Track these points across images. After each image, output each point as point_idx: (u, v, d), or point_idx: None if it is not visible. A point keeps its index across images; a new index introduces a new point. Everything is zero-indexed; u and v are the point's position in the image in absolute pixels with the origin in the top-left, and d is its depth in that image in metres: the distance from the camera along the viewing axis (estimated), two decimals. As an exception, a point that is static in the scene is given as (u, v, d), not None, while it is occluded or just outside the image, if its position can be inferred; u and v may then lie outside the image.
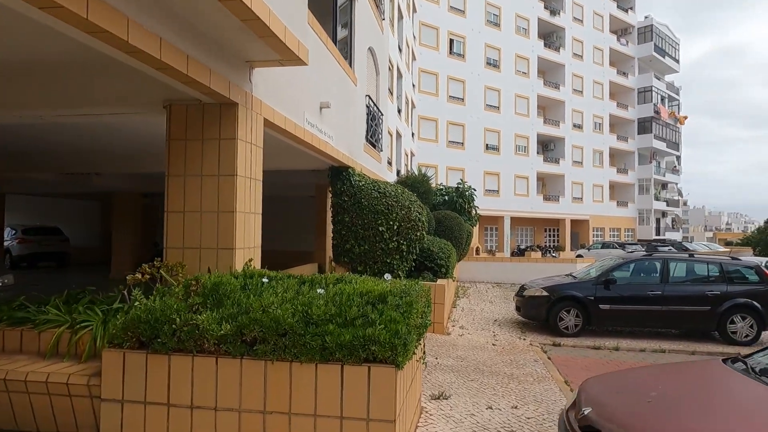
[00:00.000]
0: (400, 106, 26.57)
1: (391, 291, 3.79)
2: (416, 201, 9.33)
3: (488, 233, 39.94)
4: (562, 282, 9.98)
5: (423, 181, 17.34)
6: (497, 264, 20.16)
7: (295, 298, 3.61)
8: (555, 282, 10.11)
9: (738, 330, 9.00)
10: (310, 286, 4.07)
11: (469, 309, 12.49)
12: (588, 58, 45.75)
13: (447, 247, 10.48)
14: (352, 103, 9.07)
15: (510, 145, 39.30)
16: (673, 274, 9.42)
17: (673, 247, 31.74)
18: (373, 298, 3.63)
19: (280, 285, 4.01)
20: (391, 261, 8.87)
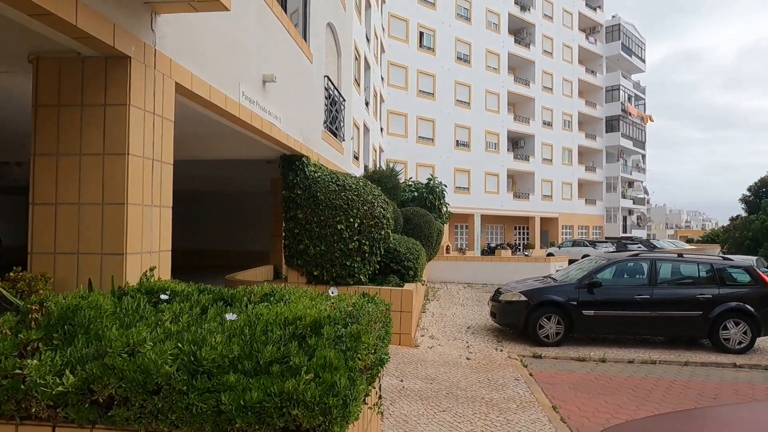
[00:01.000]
0: (368, 99, 25.45)
1: (332, 316, 2.67)
2: (381, 195, 8.23)
3: (459, 231, 39.23)
4: (542, 285, 9.05)
5: (391, 175, 16.28)
6: (468, 264, 19.28)
7: (185, 329, 2.44)
8: (533, 285, 9.18)
9: (731, 337, 8.25)
10: (221, 308, 2.91)
11: (440, 314, 11.48)
12: (558, 56, 45.60)
13: (416, 247, 9.43)
14: (307, 83, 7.90)
15: (480, 142, 38.68)
16: (662, 276, 8.62)
17: (642, 245, 31.66)
18: (302, 328, 2.50)
19: (178, 305, 2.84)
20: (352, 264, 7.75)
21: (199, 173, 12.28)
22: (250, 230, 17.44)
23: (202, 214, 18.24)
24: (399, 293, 7.73)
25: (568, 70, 46.64)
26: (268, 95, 6.14)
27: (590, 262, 9.42)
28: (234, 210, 18.31)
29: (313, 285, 7.91)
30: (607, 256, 9.37)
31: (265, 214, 11.47)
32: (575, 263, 10.19)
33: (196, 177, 12.59)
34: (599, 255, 9.65)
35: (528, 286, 9.09)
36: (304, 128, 7.78)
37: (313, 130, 8.30)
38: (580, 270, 9.27)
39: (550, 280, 9.47)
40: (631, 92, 52.35)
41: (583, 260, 9.98)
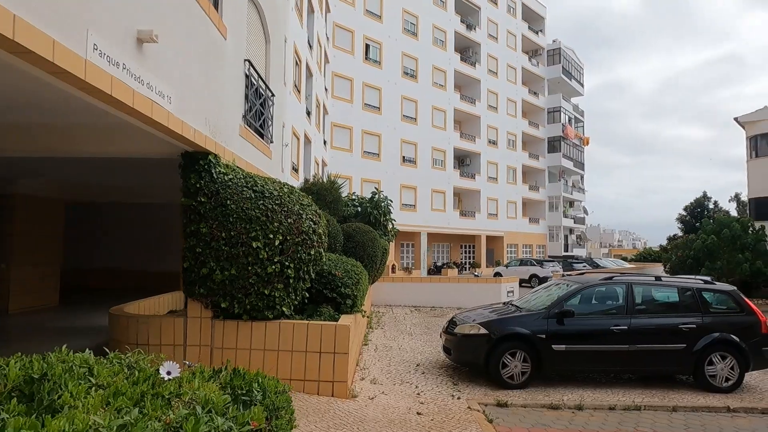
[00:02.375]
0: (310, 108, 23.87)
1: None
2: (311, 206, 6.60)
3: (405, 249, 37.99)
4: (504, 315, 7.67)
5: (332, 188, 14.66)
6: (415, 285, 17.85)
7: None
8: (494, 315, 7.77)
9: (717, 373, 7.16)
10: None
11: (384, 347, 9.87)
12: (502, 76, 46.01)
13: (356, 269, 7.84)
14: (218, 62, 6.22)
15: (427, 159, 37.88)
16: (639, 303, 7.46)
17: (586, 264, 31.58)
18: None
19: None
20: (272, 292, 6.03)
21: (96, 181, 10.17)
22: (173, 247, 15.14)
23: (117, 229, 15.82)
24: (332, 330, 6.08)
25: (512, 91, 47.13)
26: (149, 62, 4.42)
27: (558, 286, 8.16)
28: (154, 224, 15.99)
29: (221, 320, 6.12)
30: (578, 279, 8.14)
31: (175, 228, 9.51)
32: (540, 287, 8.92)
33: (92, 185, 10.46)
34: (572, 279, 8.38)
35: (488, 317, 7.68)
36: (213, 118, 6.06)
37: (226, 123, 6.58)
38: (547, 296, 7.98)
39: (512, 307, 8.11)
40: (571, 114, 53.74)
41: (549, 283, 8.73)
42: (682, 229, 33.90)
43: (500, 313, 7.77)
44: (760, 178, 25.02)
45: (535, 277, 27.38)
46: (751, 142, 25.53)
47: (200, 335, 6.11)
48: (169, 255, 14.69)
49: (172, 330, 6.12)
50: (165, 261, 14.94)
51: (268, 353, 6.07)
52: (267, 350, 6.08)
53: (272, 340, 6.09)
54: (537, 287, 9.01)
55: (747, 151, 25.83)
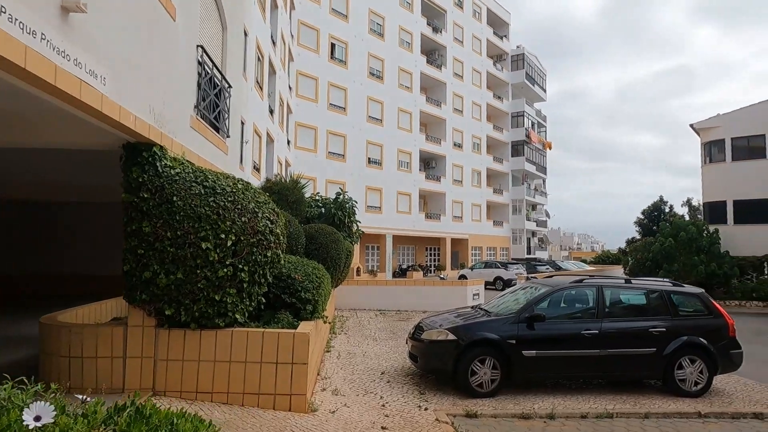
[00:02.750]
0: (273, 106, 23.18)
1: None
2: (268, 203, 6.09)
3: (370, 252, 37.57)
4: (472, 320, 7.34)
5: (294, 188, 14.10)
6: (381, 288, 17.46)
7: None
8: (462, 320, 7.44)
9: (687, 377, 7.04)
10: None
11: (348, 353, 9.41)
12: (468, 79, 46.30)
13: (317, 272, 7.35)
14: (165, 44, 5.64)
15: (393, 160, 37.62)
16: (609, 306, 7.27)
17: (549, 266, 31.97)
18: None
19: None
20: (223, 297, 5.49)
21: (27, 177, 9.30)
22: (100, 250, 14.03)
23: (60, 231, 14.71)
24: (290, 339, 5.59)
25: (477, 94, 47.51)
26: (76, 35, 3.85)
27: (528, 290, 7.91)
28: (102, 225, 14.98)
29: (165, 329, 5.54)
30: (548, 282, 7.90)
31: (121, 229, 8.76)
32: (509, 290, 8.65)
33: (29, 181, 9.58)
34: (542, 282, 8.13)
35: (456, 322, 7.33)
36: (159, 106, 5.48)
37: (174, 113, 6.00)
38: (517, 300, 7.71)
39: (481, 312, 7.80)
40: (534, 119, 54.65)
41: (518, 287, 8.48)
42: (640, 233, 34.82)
43: (469, 318, 7.44)
44: (714, 183, 25.85)
45: (499, 279, 27.45)
46: (705, 148, 26.37)
47: (142, 346, 5.51)
48: (101, 257, 13.68)
49: (110, 340, 5.49)
50: (113, 264, 13.98)
51: (219, 365, 5.53)
52: (218, 362, 5.53)
53: (224, 350, 5.55)
54: (506, 291, 8.75)
55: (702, 157, 26.67)
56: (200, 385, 5.49)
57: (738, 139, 25.07)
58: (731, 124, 25.20)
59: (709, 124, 25.97)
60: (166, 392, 5.47)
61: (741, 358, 7.27)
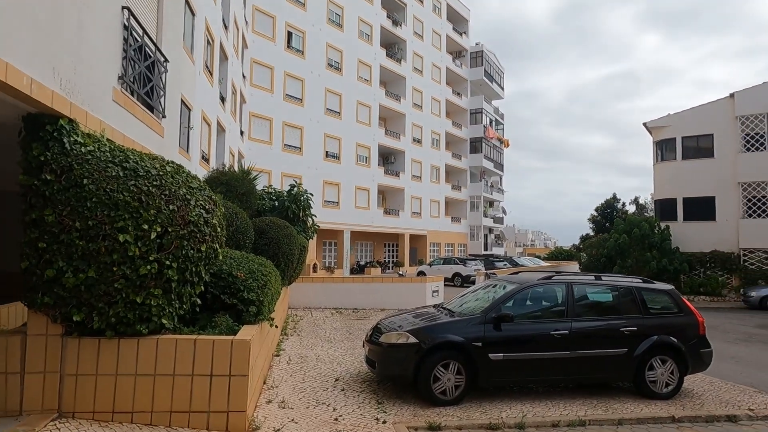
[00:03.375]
0: (225, 94, 21.96)
1: None
2: (203, 189, 5.27)
3: (327, 248, 36.70)
4: (434, 321, 6.74)
5: (244, 179, 13.15)
6: (337, 285, 16.72)
7: None
8: (423, 321, 6.83)
9: (658, 378, 6.70)
10: None
11: (299, 357, 8.65)
12: (427, 74, 46.01)
13: (264, 269, 6.57)
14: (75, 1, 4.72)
15: (351, 155, 36.82)
16: (579, 305, 6.84)
17: (507, 262, 32.09)
18: None
19: None
20: (146, 300, 4.65)
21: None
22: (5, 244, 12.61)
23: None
24: (227, 346, 4.81)
25: (436, 90, 47.31)
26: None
27: (493, 288, 7.39)
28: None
29: (75, 338, 4.64)
30: (514, 279, 7.39)
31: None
32: (473, 288, 8.11)
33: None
34: (507, 278, 7.61)
35: (417, 323, 6.71)
36: (67, 71, 4.56)
37: (91, 81, 5.07)
38: (480, 299, 7.18)
39: (444, 312, 7.22)
40: (492, 116, 55.06)
41: (483, 284, 7.95)
42: (593, 229, 35.51)
43: (431, 319, 6.84)
44: (665, 181, 26.48)
45: (458, 275, 27.23)
46: (657, 146, 26.98)
47: (46, 359, 4.58)
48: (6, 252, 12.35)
49: (3, 353, 4.54)
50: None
51: (141, 379, 4.68)
52: (140, 375, 4.68)
53: (147, 361, 4.71)
54: (469, 289, 8.20)
55: (654, 155, 27.28)
56: (118, 403, 4.63)
57: (688, 138, 25.75)
58: (682, 124, 25.85)
59: (661, 123, 26.57)
60: (76, 413, 4.58)
61: (711, 357, 7.01)
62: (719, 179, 24.55)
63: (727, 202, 24.36)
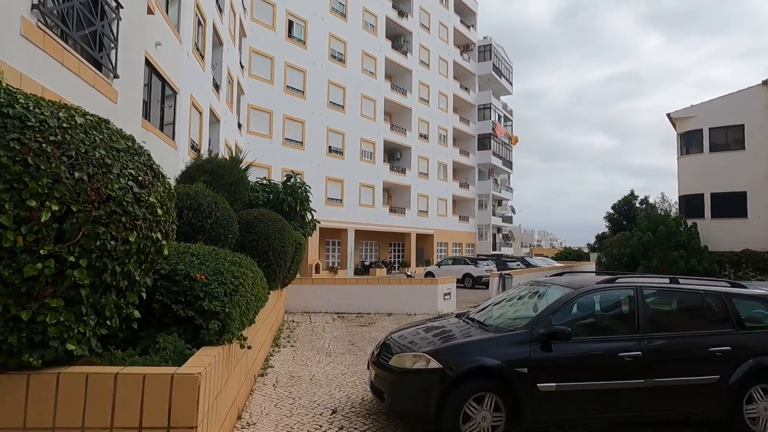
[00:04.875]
0: (219, 82, 20.44)
1: None
2: (138, 154, 3.67)
3: (330, 247, 35.14)
4: (463, 339, 5.11)
5: (233, 166, 11.58)
6: (339, 288, 15.13)
7: None
8: (446, 339, 5.20)
9: (759, 414, 5.05)
10: None
11: (290, 377, 7.06)
12: (434, 68, 44.39)
13: (237, 269, 4.98)
14: None
15: (355, 150, 35.25)
16: (653, 316, 5.21)
17: (520, 263, 30.42)
18: None
19: None
20: (39, 316, 3.05)
21: None
22: None
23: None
24: (164, 385, 3.21)
25: (443, 84, 45.67)
26: None
27: (533, 293, 5.76)
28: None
29: (-70, 373, 3.05)
30: (563, 281, 5.74)
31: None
32: (505, 294, 6.47)
33: None
34: (552, 281, 5.96)
35: (437, 342, 5.09)
36: None
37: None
38: (518, 307, 5.55)
39: (470, 324, 5.58)
40: (500, 112, 53.36)
41: (517, 289, 6.32)
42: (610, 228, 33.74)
43: (457, 335, 5.21)
44: (691, 176, 24.76)
45: (469, 276, 25.58)
46: (682, 138, 25.26)
47: None
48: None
49: None
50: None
51: (33, 434, 3.10)
52: (30, 430, 3.10)
53: (42, 407, 3.12)
54: (500, 295, 6.56)
55: (678, 148, 25.57)
56: (-5, 473, 3.05)
57: (716, 130, 24.01)
58: (709, 114, 24.11)
59: (686, 114, 24.84)
60: (-72, 489, 3.00)
61: (825, 385, 5.34)
62: (751, 173, 22.80)
63: (760, 198, 22.60)
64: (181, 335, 4.16)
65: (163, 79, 12.87)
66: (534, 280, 6.38)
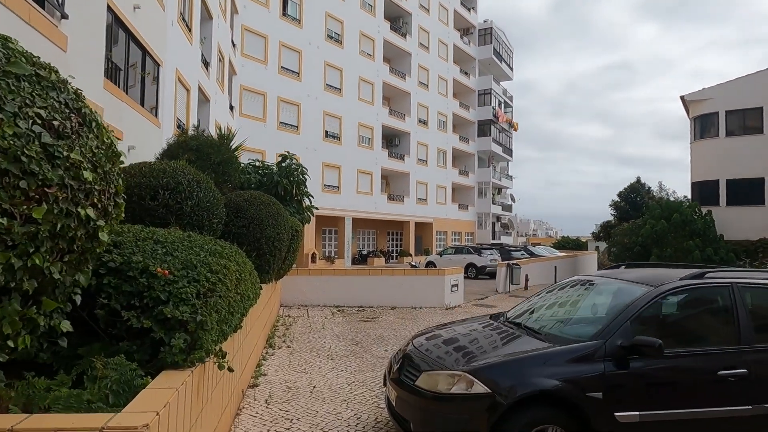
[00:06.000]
0: (209, 58, 19.08)
1: None
2: (63, 89, 2.43)
3: (327, 236, 33.95)
4: (512, 352, 3.93)
5: (222, 145, 10.34)
6: (339, 279, 13.96)
7: None
8: (490, 351, 4.02)
9: None
10: None
11: (286, 388, 5.91)
12: (434, 51, 42.93)
13: (216, 262, 3.80)
14: None
15: (353, 135, 33.91)
16: (756, 321, 4.06)
17: (524, 252, 29.35)
18: None
19: None
20: None
21: None
22: None
23: None
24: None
25: (443, 68, 44.25)
26: None
27: (589, 290, 4.60)
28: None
29: None
30: (632, 276, 4.51)
31: None
32: (550, 289, 5.28)
33: None
34: (616, 275, 4.73)
35: (477, 354, 3.92)
36: None
37: None
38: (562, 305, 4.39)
39: (511, 327, 4.41)
40: (501, 98, 52.02)
41: (563, 284, 5.14)
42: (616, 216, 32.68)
43: (500, 346, 4.04)
44: (705, 161, 23.68)
45: (472, 266, 24.47)
46: (695, 122, 24.13)
47: None
48: None
49: None
50: None
51: None
52: None
53: None
54: (543, 291, 5.37)
55: (691, 133, 24.44)
56: None
57: (732, 113, 22.87)
58: (725, 97, 22.96)
59: (701, 96, 23.67)
60: None
61: None
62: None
63: (779, 184, 21.55)
64: (135, 353, 2.98)
65: (144, 48, 11.55)
66: (583, 276, 5.18)
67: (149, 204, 6.21)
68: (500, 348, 4.00)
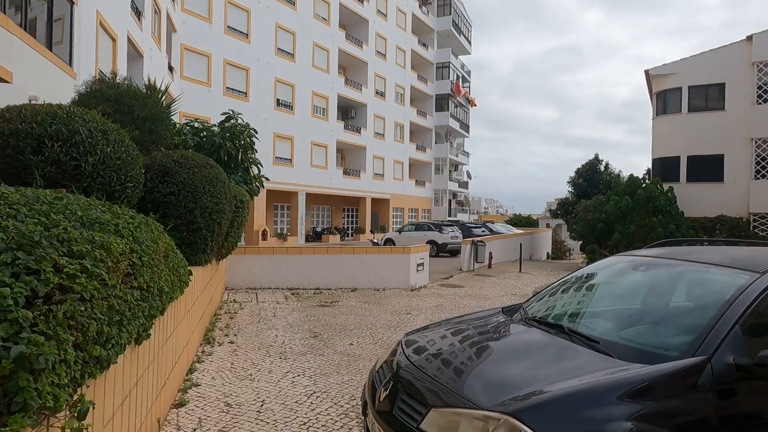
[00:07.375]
0: (142, 8, 16.67)
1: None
2: None
3: (279, 212, 32.05)
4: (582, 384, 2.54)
5: (150, 97, 8.51)
6: (294, 258, 12.40)
7: None
8: (535, 379, 2.68)
9: None
10: None
11: (224, 405, 4.42)
12: (392, 19, 41.03)
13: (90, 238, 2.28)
14: None
15: (307, 104, 31.85)
16: None
17: (485, 229, 28.60)
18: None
19: None
20: None
21: None
22: None
23: None
24: None
25: (402, 39, 42.48)
26: None
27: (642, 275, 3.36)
28: None
29: None
30: (720, 258, 3.26)
31: None
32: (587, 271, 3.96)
33: None
34: (670, 254, 3.47)
35: (522, 382, 2.57)
36: None
37: None
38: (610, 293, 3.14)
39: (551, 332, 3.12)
40: (459, 72, 50.85)
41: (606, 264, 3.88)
42: (573, 193, 32.50)
43: (542, 365, 2.72)
44: (667, 137, 23.40)
45: (433, 244, 23.40)
46: (658, 97, 23.75)
47: None
48: None
49: None
50: None
51: None
52: None
53: None
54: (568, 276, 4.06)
55: (654, 108, 24.09)
56: None
57: (695, 88, 22.57)
58: (689, 71, 22.60)
59: (665, 71, 23.26)
60: None
61: None
62: (729, 135, 21.59)
63: (737, 161, 21.52)
64: None
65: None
66: (628, 256, 3.91)
67: (31, 159, 4.50)
68: (544, 367, 2.67)
